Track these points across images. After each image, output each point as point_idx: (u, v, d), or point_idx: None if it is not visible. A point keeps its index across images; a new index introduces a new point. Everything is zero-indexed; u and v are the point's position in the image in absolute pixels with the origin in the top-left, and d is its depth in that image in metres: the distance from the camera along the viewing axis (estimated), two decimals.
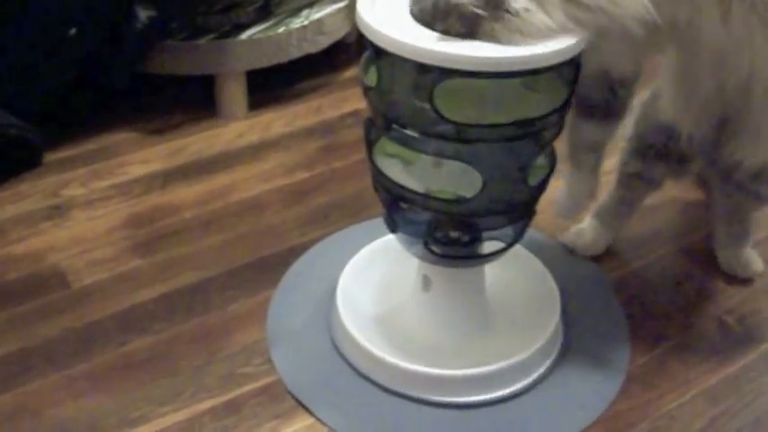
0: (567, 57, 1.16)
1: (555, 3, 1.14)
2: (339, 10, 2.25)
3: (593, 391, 1.47)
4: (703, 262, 1.75)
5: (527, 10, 1.13)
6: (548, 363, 1.50)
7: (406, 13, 1.22)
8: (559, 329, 1.55)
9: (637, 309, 1.64)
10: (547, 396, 1.46)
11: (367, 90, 1.29)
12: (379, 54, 1.20)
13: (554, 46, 1.14)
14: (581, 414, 1.44)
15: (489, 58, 1.13)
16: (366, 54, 1.27)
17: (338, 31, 2.28)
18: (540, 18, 1.13)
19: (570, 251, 1.75)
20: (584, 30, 1.16)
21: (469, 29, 1.15)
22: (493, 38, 1.14)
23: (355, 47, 2.42)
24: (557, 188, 1.51)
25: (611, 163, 1.67)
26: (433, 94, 1.17)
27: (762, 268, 1.71)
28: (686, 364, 1.54)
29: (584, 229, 1.76)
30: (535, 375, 1.48)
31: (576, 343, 1.55)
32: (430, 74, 1.16)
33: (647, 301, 1.66)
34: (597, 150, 1.44)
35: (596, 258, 1.75)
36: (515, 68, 1.14)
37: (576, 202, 1.51)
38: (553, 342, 1.52)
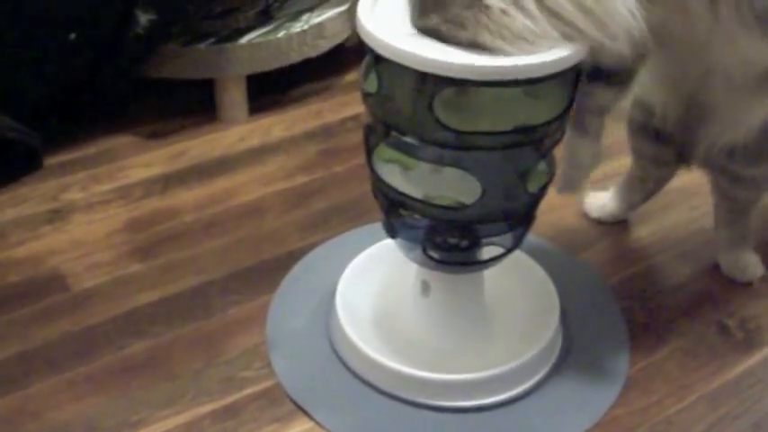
0: (568, 65, 1.16)
1: (536, 14, 1.14)
2: (339, 14, 2.25)
3: (592, 395, 1.47)
4: (704, 266, 1.76)
5: (504, 12, 1.13)
6: (547, 367, 1.50)
7: (406, 19, 1.22)
8: (559, 334, 1.55)
9: (636, 313, 1.64)
10: (546, 400, 1.46)
11: (366, 96, 1.29)
12: (379, 61, 1.20)
13: (554, 54, 1.14)
14: (580, 419, 1.44)
15: (490, 67, 1.12)
16: (366, 60, 1.27)
17: (339, 36, 2.28)
18: (520, 22, 1.13)
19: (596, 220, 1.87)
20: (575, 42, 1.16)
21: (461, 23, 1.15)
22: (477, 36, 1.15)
23: (356, 51, 2.42)
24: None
25: None
26: (433, 101, 1.17)
27: (762, 272, 1.72)
28: (686, 368, 1.54)
29: (606, 200, 1.85)
30: (534, 380, 1.48)
31: (575, 347, 1.55)
32: (430, 82, 1.16)
33: (647, 305, 1.66)
34: (604, 114, 1.44)
35: (596, 262, 1.75)
36: (516, 77, 1.14)
37: (580, 170, 1.50)
38: (552, 347, 1.52)
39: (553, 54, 1.14)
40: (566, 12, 1.13)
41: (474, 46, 1.14)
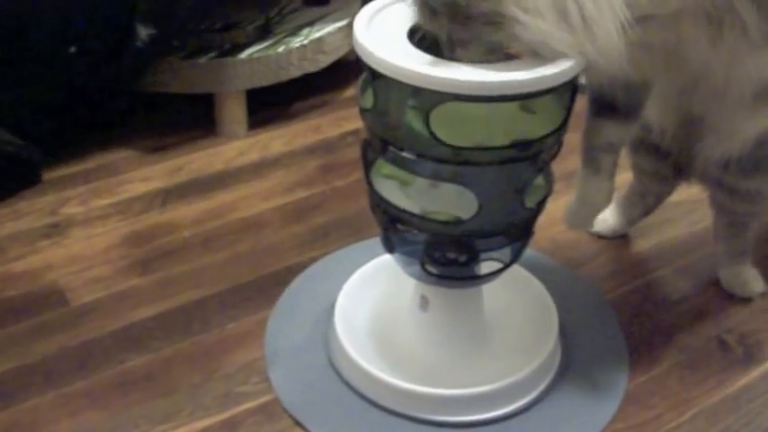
0: (564, 79, 1.16)
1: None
2: (339, 29, 2.25)
3: (591, 410, 1.47)
4: (703, 281, 1.75)
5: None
6: (546, 382, 1.50)
7: (402, 34, 1.22)
8: (557, 349, 1.54)
9: (636, 327, 1.64)
10: (545, 416, 1.46)
11: (363, 112, 1.29)
12: (375, 76, 1.20)
13: (551, 69, 1.14)
14: None
15: (486, 82, 1.12)
16: (362, 76, 1.27)
17: (338, 50, 2.28)
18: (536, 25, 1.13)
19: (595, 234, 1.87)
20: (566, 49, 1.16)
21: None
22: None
23: (356, 66, 2.41)
24: (561, 204, 1.51)
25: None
26: (430, 117, 1.17)
27: (762, 288, 1.71)
28: (685, 383, 1.53)
29: (606, 215, 1.84)
30: (533, 395, 1.47)
31: (574, 362, 1.55)
32: (426, 97, 1.16)
33: (646, 320, 1.66)
34: (615, 151, 1.45)
35: (596, 277, 1.75)
36: (512, 92, 1.14)
37: (591, 208, 1.51)
38: (551, 361, 1.52)
39: (548, 68, 1.14)
40: (570, 13, 1.13)
41: (489, 18, 1.13)
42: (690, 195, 1.78)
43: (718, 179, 1.56)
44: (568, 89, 1.22)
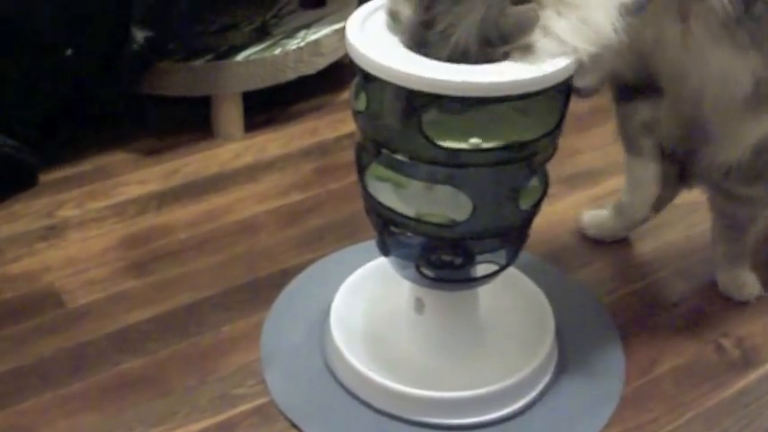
0: (558, 81, 1.16)
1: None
2: (336, 31, 2.25)
3: (586, 413, 1.47)
4: (701, 284, 1.75)
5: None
6: (541, 385, 1.50)
7: (395, 37, 1.22)
8: (554, 352, 1.54)
9: (632, 330, 1.63)
10: (540, 419, 1.45)
11: (357, 115, 1.29)
12: (368, 79, 1.20)
13: (544, 70, 1.14)
14: None
15: (479, 84, 1.12)
16: (356, 79, 1.27)
17: (335, 53, 2.28)
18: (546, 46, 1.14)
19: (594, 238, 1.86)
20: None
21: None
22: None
23: (352, 68, 2.41)
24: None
25: None
26: (422, 119, 1.17)
27: (759, 291, 1.71)
28: (682, 386, 1.53)
29: (605, 219, 1.83)
30: (528, 398, 1.47)
31: (570, 366, 1.55)
32: (419, 100, 1.16)
33: (643, 323, 1.66)
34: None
35: (593, 280, 1.75)
36: (505, 94, 1.14)
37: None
38: (547, 365, 1.51)
39: (542, 70, 1.14)
40: (563, 33, 1.14)
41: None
42: (688, 198, 1.77)
43: (719, 184, 1.56)
44: (562, 91, 1.22)
